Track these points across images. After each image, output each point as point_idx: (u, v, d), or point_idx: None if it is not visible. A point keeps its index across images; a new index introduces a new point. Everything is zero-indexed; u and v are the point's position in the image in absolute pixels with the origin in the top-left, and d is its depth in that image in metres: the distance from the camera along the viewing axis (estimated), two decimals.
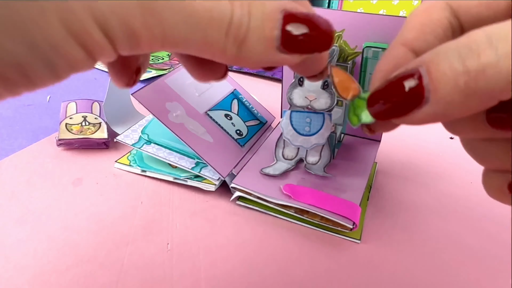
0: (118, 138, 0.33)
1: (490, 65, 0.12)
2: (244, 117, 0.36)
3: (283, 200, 0.28)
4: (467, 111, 0.13)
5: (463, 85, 0.12)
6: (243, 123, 0.35)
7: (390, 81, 0.15)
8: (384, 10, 0.68)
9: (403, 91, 0.14)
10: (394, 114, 0.14)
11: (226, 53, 0.15)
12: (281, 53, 0.16)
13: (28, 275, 0.23)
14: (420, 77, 0.13)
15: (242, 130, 0.34)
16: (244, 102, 0.37)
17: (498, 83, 0.12)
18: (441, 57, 0.13)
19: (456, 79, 0.12)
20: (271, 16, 0.15)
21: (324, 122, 0.30)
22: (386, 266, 0.25)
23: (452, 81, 0.12)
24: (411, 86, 0.13)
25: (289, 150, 0.32)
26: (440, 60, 0.13)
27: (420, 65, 0.13)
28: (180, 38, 0.14)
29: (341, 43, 0.32)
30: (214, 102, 0.34)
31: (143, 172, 0.32)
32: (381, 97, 0.15)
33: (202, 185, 0.30)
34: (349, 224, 0.26)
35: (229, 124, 0.34)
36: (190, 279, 0.23)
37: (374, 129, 0.17)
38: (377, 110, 0.15)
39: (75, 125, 0.36)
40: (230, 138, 0.33)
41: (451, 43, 0.13)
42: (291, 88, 0.30)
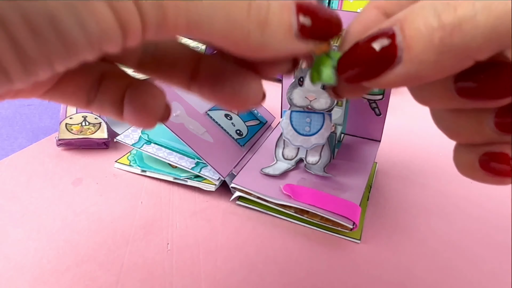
0: (118, 138, 0.33)
1: (467, 19, 0.11)
2: (244, 117, 0.36)
3: (283, 200, 0.28)
4: (441, 72, 0.12)
5: (438, 41, 0.11)
6: (243, 123, 0.35)
7: (361, 41, 0.14)
8: None
9: (374, 51, 0.13)
10: (365, 76, 0.14)
11: (250, 37, 0.14)
12: (298, 40, 0.16)
13: (28, 275, 0.23)
14: (393, 36, 0.13)
15: (242, 130, 0.34)
16: None
17: (474, 39, 0.11)
18: (416, 13, 0.12)
19: (431, 35, 0.11)
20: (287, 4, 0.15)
21: (324, 122, 0.30)
22: (386, 266, 0.25)
23: (426, 37, 0.12)
24: (384, 45, 0.13)
25: (289, 150, 0.32)
26: (415, 17, 0.12)
27: (394, 24, 0.13)
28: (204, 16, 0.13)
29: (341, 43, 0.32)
30: None
31: (143, 172, 0.32)
32: (351, 59, 0.14)
33: (202, 185, 0.30)
34: (349, 224, 0.26)
35: (229, 124, 0.34)
36: (190, 279, 0.23)
37: (340, 93, 0.16)
38: (347, 73, 0.14)
39: (75, 125, 0.36)
40: (230, 138, 0.33)
41: (428, 1, 0.12)
42: (291, 88, 0.30)
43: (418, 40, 0.12)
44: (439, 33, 0.11)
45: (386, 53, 0.13)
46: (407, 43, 0.12)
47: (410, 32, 0.12)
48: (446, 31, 0.11)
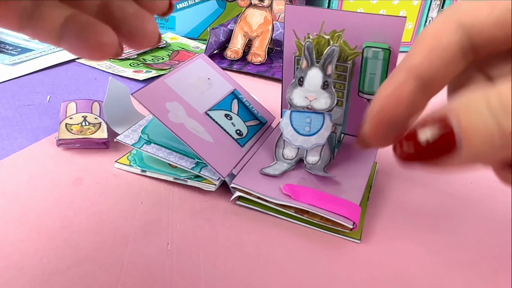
0: (118, 138, 0.33)
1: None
2: (244, 117, 0.36)
3: (283, 200, 0.28)
4: (501, 158, 0.13)
5: (498, 142, 0.12)
6: (243, 123, 0.35)
7: (418, 126, 0.15)
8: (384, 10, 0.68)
9: (433, 139, 0.14)
10: (420, 159, 0.15)
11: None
12: None
13: (28, 275, 0.23)
14: (450, 127, 0.13)
15: (242, 130, 0.34)
16: (244, 102, 0.37)
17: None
18: (473, 112, 0.13)
19: (491, 137, 0.12)
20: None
21: (324, 122, 0.30)
22: (386, 265, 0.25)
23: (487, 138, 0.12)
24: (439, 133, 0.14)
25: (289, 150, 0.32)
26: (472, 115, 0.13)
27: (448, 114, 0.13)
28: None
29: (341, 43, 0.32)
30: (214, 102, 0.34)
31: (143, 172, 0.32)
32: (409, 144, 0.15)
33: (202, 185, 0.30)
34: (349, 224, 0.26)
35: (229, 124, 0.34)
36: (190, 279, 0.23)
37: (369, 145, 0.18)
38: (402, 153, 0.16)
39: (75, 125, 0.36)
40: (230, 138, 0.33)
41: (481, 95, 0.13)
42: (291, 88, 0.30)
43: (477, 137, 0.13)
44: (499, 136, 0.12)
45: (445, 141, 0.14)
46: (466, 137, 0.13)
47: (468, 129, 0.13)
48: (506, 135, 0.12)
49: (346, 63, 0.32)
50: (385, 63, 0.31)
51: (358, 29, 0.31)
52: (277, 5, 0.59)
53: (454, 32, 0.16)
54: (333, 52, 0.29)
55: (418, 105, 0.18)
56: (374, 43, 0.31)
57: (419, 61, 0.17)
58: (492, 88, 0.13)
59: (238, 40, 0.59)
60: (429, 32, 0.17)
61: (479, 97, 0.13)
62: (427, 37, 0.17)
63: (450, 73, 0.17)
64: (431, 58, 0.17)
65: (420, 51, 0.17)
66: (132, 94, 0.28)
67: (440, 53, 0.17)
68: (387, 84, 0.18)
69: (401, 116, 0.18)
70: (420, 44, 0.17)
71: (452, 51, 0.16)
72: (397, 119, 0.18)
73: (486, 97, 0.13)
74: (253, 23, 0.59)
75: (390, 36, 0.30)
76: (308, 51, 0.29)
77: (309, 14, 0.31)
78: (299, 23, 0.32)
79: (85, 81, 0.50)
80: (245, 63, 0.58)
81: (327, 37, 0.32)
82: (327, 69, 0.30)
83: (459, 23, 0.16)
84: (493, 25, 0.16)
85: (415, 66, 0.17)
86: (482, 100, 0.13)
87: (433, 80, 0.17)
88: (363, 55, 0.31)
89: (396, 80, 0.18)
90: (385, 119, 0.18)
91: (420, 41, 0.17)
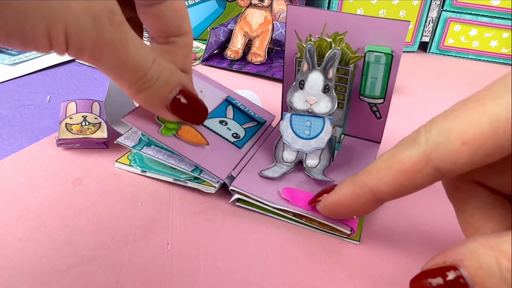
0: (119, 140, 0.33)
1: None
2: (240, 120, 0.36)
3: (281, 205, 0.28)
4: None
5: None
6: (239, 126, 0.35)
7: (428, 268, 0.16)
8: (384, 10, 0.68)
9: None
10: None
11: (131, 89, 0.23)
12: (166, 110, 0.25)
13: (28, 275, 0.23)
14: (461, 277, 0.15)
15: (239, 133, 0.34)
16: (239, 107, 0.37)
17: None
18: (486, 272, 0.14)
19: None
20: (172, 86, 0.24)
21: (324, 126, 0.30)
22: (386, 267, 0.25)
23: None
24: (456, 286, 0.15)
25: (288, 153, 0.31)
26: (485, 276, 0.14)
27: (459, 265, 0.15)
28: (107, 64, 0.21)
29: (343, 46, 0.32)
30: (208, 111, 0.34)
31: (143, 172, 0.32)
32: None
33: (202, 187, 0.30)
34: (347, 230, 0.26)
35: (225, 129, 0.34)
36: (190, 279, 0.23)
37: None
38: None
39: (75, 125, 0.36)
40: (226, 142, 0.33)
41: (491, 254, 0.14)
42: (292, 91, 0.30)
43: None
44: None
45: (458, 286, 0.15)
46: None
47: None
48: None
49: (348, 66, 0.32)
50: (387, 68, 0.31)
51: (361, 32, 0.30)
52: (277, 5, 0.59)
53: (429, 174, 0.17)
54: (335, 56, 0.29)
55: (370, 210, 0.21)
56: (376, 47, 0.31)
57: (387, 191, 0.19)
58: (499, 241, 0.14)
59: (238, 40, 0.59)
60: (404, 163, 0.18)
61: (489, 256, 0.14)
62: (401, 169, 0.18)
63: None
64: (399, 191, 0.18)
65: (390, 180, 0.18)
66: (123, 118, 0.28)
67: (408, 189, 0.18)
68: (349, 187, 0.21)
69: (351, 214, 0.23)
70: (392, 171, 0.18)
71: (422, 187, 0.18)
72: (346, 215, 0.24)
73: (497, 259, 0.14)
74: (253, 23, 0.59)
75: (393, 40, 0.30)
76: (310, 54, 0.29)
77: (311, 15, 0.31)
78: (300, 24, 0.32)
79: (85, 81, 0.50)
80: (245, 63, 0.58)
81: (329, 40, 0.32)
82: (328, 73, 0.29)
83: (435, 167, 0.16)
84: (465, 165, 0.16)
85: (379, 190, 0.19)
86: (493, 260, 0.14)
87: (390, 199, 0.20)
88: (365, 59, 0.31)
89: (358, 190, 0.20)
90: (336, 212, 0.24)
91: (393, 166, 0.18)
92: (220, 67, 0.57)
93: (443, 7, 0.69)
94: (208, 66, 0.57)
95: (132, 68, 0.21)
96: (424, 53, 0.73)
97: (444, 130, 0.16)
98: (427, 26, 0.71)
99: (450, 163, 0.16)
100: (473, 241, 0.15)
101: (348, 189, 0.21)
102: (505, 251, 0.14)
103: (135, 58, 0.21)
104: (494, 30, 0.69)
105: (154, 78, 0.23)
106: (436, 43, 0.72)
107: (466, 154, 0.15)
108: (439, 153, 0.16)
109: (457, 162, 0.16)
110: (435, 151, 0.16)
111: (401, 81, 0.57)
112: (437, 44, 0.72)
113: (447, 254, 0.16)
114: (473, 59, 0.72)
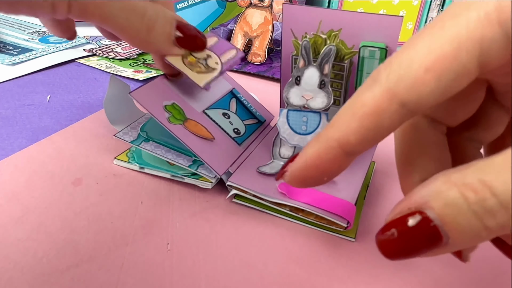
0: (117, 135, 0.33)
1: (508, 224, 0.12)
2: (242, 115, 0.36)
3: (278, 199, 0.28)
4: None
5: (485, 235, 0.13)
6: (241, 122, 0.35)
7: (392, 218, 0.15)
8: (384, 10, 0.68)
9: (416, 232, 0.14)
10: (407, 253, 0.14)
11: (139, 35, 0.25)
12: (174, 45, 0.28)
13: (28, 275, 0.23)
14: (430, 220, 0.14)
15: (240, 129, 0.34)
16: (242, 101, 0.37)
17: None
18: (455, 210, 0.13)
19: (478, 233, 0.13)
20: (170, 21, 0.27)
21: (320, 122, 0.30)
22: (381, 265, 0.25)
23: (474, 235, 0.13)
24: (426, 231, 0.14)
25: (285, 149, 0.32)
26: (455, 214, 0.13)
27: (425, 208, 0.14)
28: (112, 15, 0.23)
29: (338, 42, 0.32)
30: (212, 101, 0.34)
31: (141, 169, 0.32)
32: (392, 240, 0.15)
33: (199, 182, 0.30)
34: (343, 223, 0.26)
35: (227, 122, 0.34)
36: (190, 279, 0.23)
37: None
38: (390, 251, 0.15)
39: (193, 58, 0.30)
40: (227, 136, 0.33)
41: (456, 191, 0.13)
42: (288, 87, 0.31)
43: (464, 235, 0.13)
44: (485, 232, 0.13)
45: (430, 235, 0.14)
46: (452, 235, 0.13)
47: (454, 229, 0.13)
48: (492, 231, 0.13)
49: (343, 62, 0.32)
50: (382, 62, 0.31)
51: (355, 28, 0.31)
52: (277, 5, 0.59)
53: (395, 112, 0.15)
54: (330, 52, 0.29)
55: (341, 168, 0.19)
56: (371, 43, 0.31)
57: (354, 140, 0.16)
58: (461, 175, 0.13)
59: (238, 40, 0.59)
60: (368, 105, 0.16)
61: (455, 192, 0.13)
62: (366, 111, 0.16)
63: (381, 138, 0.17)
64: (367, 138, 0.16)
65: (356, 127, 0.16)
66: (130, 93, 0.28)
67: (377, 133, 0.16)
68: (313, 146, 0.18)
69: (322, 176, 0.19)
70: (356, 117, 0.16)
71: (391, 129, 0.16)
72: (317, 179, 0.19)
73: (463, 193, 0.13)
74: (253, 23, 0.59)
75: (387, 35, 0.30)
76: (305, 51, 0.30)
77: (307, 14, 0.31)
78: (296, 22, 0.32)
79: (85, 81, 0.50)
80: (245, 63, 0.58)
81: (324, 37, 0.32)
82: (324, 69, 0.30)
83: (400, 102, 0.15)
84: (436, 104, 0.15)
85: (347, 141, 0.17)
86: (459, 195, 0.13)
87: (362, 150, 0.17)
88: (360, 54, 0.32)
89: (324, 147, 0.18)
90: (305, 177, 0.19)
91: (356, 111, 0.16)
92: None
93: (443, 7, 0.69)
94: None
95: (132, 10, 0.24)
96: None
97: (404, 61, 0.15)
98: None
99: (416, 94, 0.14)
100: (435, 180, 0.14)
101: (313, 148, 0.18)
102: (469, 184, 0.13)
103: (130, 2, 0.24)
104: None
105: (154, 16, 0.25)
106: None
107: (431, 82, 0.14)
108: (403, 86, 0.14)
109: (422, 92, 0.14)
110: (397, 85, 0.15)
111: None
112: None
113: (410, 200, 0.14)
114: None
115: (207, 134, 0.31)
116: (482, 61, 0.14)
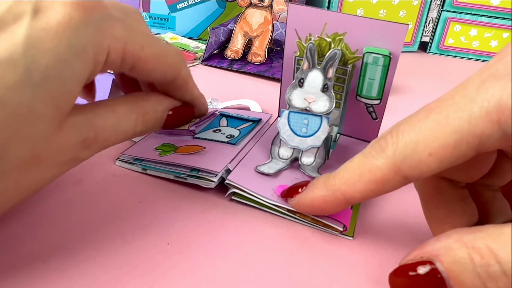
0: (118, 163, 0.33)
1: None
2: (234, 125, 0.36)
3: (276, 201, 0.28)
4: None
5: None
6: (233, 129, 0.36)
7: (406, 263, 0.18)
8: (384, 10, 0.68)
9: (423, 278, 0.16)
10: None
11: (135, 131, 0.27)
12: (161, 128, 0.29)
13: (28, 275, 0.23)
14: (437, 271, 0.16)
15: (234, 134, 0.35)
16: (232, 115, 0.37)
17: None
18: (460, 267, 0.15)
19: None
20: (166, 109, 0.28)
21: (321, 125, 0.30)
22: (379, 263, 0.25)
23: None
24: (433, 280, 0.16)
25: (284, 150, 0.32)
26: (460, 271, 0.15)
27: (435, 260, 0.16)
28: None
29: (342, 46, 0.32)
30: (201, 128, 0.36)
31: (144, 170, 0.32)
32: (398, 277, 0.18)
33: (202, 182, 0.30)
34: (340, 227, 0.26)
35: (219, 135, 0.35)
36: (190, 279, 0.23)
37: None
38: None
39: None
40: (221, 143, 0.34)
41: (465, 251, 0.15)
42: (291, 89, 0.31)
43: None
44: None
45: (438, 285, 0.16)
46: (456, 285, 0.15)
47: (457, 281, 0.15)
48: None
49: (346, 66, 0.32)
50: (385, 69, 0.31)
51: (360, 33, 0.31)
52: (277, 5, 0.60)
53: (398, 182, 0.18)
54: (335, 56, 0.29)
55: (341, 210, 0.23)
56: (375, 48, 0.31)
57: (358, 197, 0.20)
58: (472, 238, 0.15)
59: (238, 40, 0.59)
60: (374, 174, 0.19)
61: (463, 252, 0.15)
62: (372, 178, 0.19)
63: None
64: (369, 196, 0.20)
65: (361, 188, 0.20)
66: (119, 158, 0.31)
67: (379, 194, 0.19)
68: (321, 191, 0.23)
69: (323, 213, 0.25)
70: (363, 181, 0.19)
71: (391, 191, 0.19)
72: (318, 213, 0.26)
73: (470, 255, 0.15)
74: (253, 23, 0.59)
75: (391, 42, 0.30)
76: (310, 53, 0.29)
77: (312, 15, 0.31)
78: (301, 23, 0.32)
79: None
80: (245, 63, 0.58)
81: (328, 40, 0.32)
82: (328, 72, 0.30)
83: (404, 175, 0.18)
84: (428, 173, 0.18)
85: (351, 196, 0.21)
86: (467, 255, 0.15)
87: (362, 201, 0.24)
88: (363, 60, 0.32)
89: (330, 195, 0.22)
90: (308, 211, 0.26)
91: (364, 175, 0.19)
92: (220, 67, 0.57)
93: (443, 7, 0.69)
94: (208, 66, 0.57)
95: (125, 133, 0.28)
96: (424, 53, 0.73)
97: (410, 143, 0.17)
98: (427, 26, 0.71)
99: (418, 171, 0.17)
100: (448, 237, 0.16)
101: (321, 192, 0.22)
102: (478, 248, 0.15)
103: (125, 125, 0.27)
104: (494, 30, 0.69)
105: (150, 115, 0.28)
106: (436, 43, 0.72)
107: (433, 164, 0.17)
108: (408, 164, 0.17)
109: (424, 170, 0.17)
110: (403, 163, 0.17)
111: (401, 81, 0.57)
112: (437, 44, 0.72)
113: (423, 250, 0.17)
114: (473, 59, 0.72)
115: (198, 148, 0.32)
116: (480, 149, 0.16)
